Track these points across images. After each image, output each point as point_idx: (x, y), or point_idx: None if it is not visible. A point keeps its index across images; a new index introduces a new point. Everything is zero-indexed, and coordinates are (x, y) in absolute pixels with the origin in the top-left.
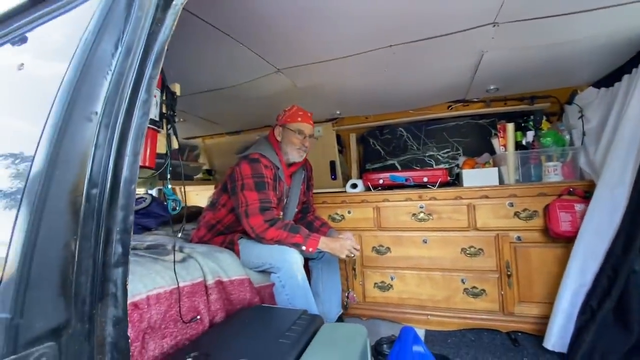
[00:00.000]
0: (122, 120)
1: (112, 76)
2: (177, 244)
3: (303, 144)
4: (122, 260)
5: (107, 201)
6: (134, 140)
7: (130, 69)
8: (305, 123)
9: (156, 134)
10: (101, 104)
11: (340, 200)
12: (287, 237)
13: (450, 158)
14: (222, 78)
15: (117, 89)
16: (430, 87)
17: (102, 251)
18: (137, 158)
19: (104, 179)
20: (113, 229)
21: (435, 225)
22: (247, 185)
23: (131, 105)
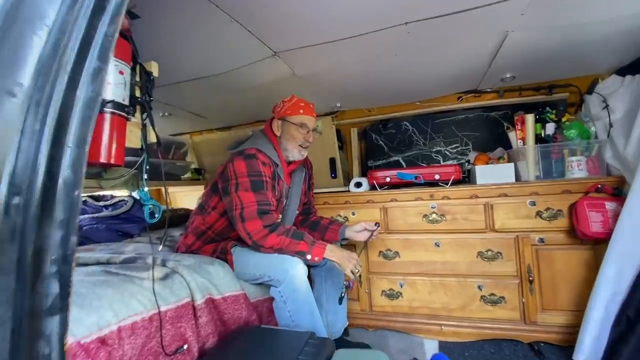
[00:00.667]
0: (62, 96)
1: (49, 33)
2: (160, 257)
3: (306, 140)
4: (60, 304)
5: (36, 215)
6: (79, 125)
7: (76, 23)
8: (308, 115)
9: (124, 122)
10: (30, 72)
11: (344, 200)
12: (289, 244)
13: (459, 153)
14: (211, 63)
15: (55, 52)
16: (442, 75)
17: (27, 292)
18: (83, 150)
19: (32, 182)
20: (45, 256)
21: (448, 227)
22: (242, 185)
23: (76, 75)
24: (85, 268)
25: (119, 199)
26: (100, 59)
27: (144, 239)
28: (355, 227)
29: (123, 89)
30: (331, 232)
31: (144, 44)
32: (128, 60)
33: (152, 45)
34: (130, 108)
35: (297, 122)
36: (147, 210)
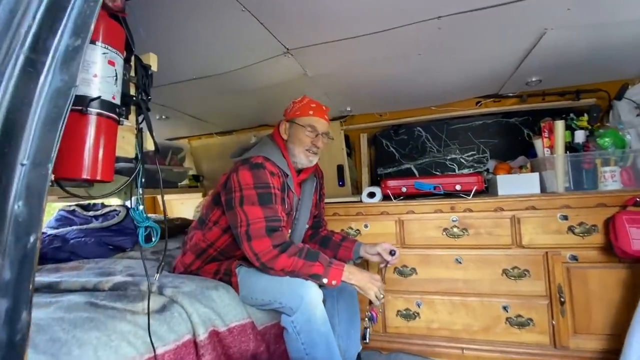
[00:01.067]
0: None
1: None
2: (156, 282)
3: (314, 144)
4: None
5: None
6: (40, 130)
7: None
8: (319, 117)
9: (114, 126)
10: None
11: (355, 211)
12: (303, 266)
13: (476, 162)
14: (216, 60)
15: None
16: (462, 79)
17: None
18: (43, 170)
19: None
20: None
21: (471, 242)
22: (248, 198)
23: (38, 56)
24: (67, 298)
25: (110, 209)
26: (77, 34)
27: (136, 253)
28: (371, 248)
29: (113, 84)
30: (344, 250)
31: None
32: (120, 49)
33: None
34: (123, 109)
35: (305, 124)
36: (142, 233)
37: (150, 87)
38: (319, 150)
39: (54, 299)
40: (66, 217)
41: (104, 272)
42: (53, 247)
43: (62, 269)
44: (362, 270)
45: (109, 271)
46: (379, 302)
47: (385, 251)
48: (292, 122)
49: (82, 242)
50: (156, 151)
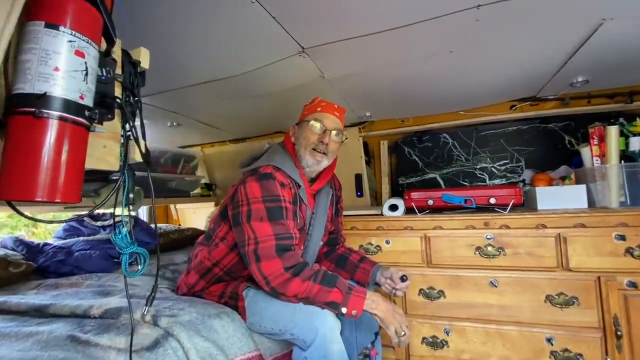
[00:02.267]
0: None
1: None
2: (152, 308)
3: (321, 141)
4: None
5: None
6: None
7: None
8: (326, 113)
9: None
10: None
11: (376, 225)
12: (318, 292)
13: (509, 171)
14: (227, 63)
15: None
16: (499, 80)
17: None
18: None
19: None
20: None
21: (508, 263)
22: (256, 213)
23: None
24: (51, 328)
25: (118, 220)
26: None
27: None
28: (385, 271)
29: (82, 81)
30: (361, 273)
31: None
32: (94, 36)
33: (151, 39)
34: (95, 112)
35: (311, 119)
36: (125, 261)
37: (139, 87)
38: (328, 150)
39: (37, 327)
40: (74, 227)
41: (102, 292)
42: (56, 260)
43: (61, 286)
44: (386, 300)
45: (108, 290)
46: (397, 339)
47: (396, 276)
48: (300, 123)
49: (86, 256)
50: (146, 162)
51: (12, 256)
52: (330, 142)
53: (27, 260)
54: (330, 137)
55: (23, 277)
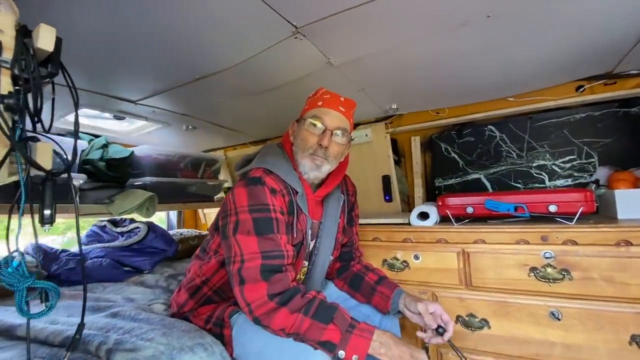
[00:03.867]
0: None
1: None
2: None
3: (320, 144)
4: None
5: None
6: None
7: None
8: (328, 108)
9: None
10: None
11: (402, 237)
12: (310, 329)
13: (577, 170)
14: (216, 54)
15: None
16: (554, 55)
17: None
18: None
19: None
20: None
21: (576, 291)
22: (242, 225)
23: None
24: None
25: (134, 226)
26: None
27: (151, 278)
28: (412, 302)
29: None
30: (379, 298)
31: None
32: None
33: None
34: None
35: (309, 117)
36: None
37: (37, 73)
38: (328, 154)
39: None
40: (96, 233)
41: (92, 308)
42: (67, 268)
43: (62, 297)
44: (400, 342)
45: (99, 306)
46: None
47: (429, 316)
48: (299, 121)
49: (96, 264)
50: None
51: None
52: (331, 144)
53: (43, 268)
54: (332, 139)
55: None
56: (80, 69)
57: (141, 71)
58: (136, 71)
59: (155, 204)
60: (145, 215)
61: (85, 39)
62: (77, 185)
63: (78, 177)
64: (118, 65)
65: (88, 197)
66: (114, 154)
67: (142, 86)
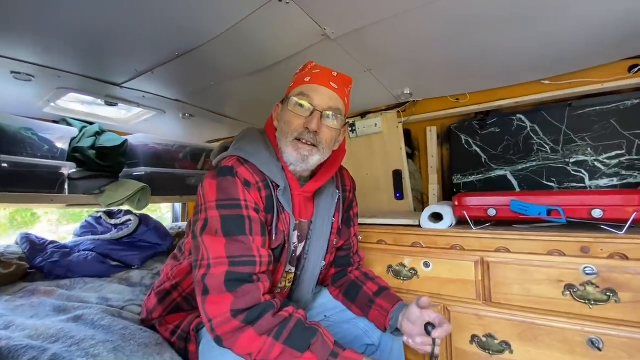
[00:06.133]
0: None
1: None
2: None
3: (307, 128)
4: None
5: None
6: None
7: None
8: (317, 84)
9: None
10: None
11: (411, 240)
12: (280, 356)
13: (626, 167)
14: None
15: None
16: (605, 23)
17: None
18: None
19: None
20: None
21: (623, 316)
22: (210, 224)
23: None
24: None
25: (127, 219)
26: None
27: (137, 274)
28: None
29: None
30: (377, 312)
31: None
32: None
33: None
34: None
35: (294, 95)
36: None
37: None
38: (318, 139)
39: None
40: (90, 225)
41: (60, 308)
42: (51, 261)
43: (37, 293)
44: None
45: (65, 306)
46: None
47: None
48: (284, 101)
49: (80, 259)
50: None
51: (7, 255)
52: (322, 128)
53: (28, 259)
54: (322, 122)
55: (12, 278)
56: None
57: (120, 50)
58: (115, 50)
59: (148, 196)
60: (137, 207)
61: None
62: (66, 174)
63: (66, 166)
64: (98, 44)
65: (77, 187)
66: (106, 142)
67: (123, 67)
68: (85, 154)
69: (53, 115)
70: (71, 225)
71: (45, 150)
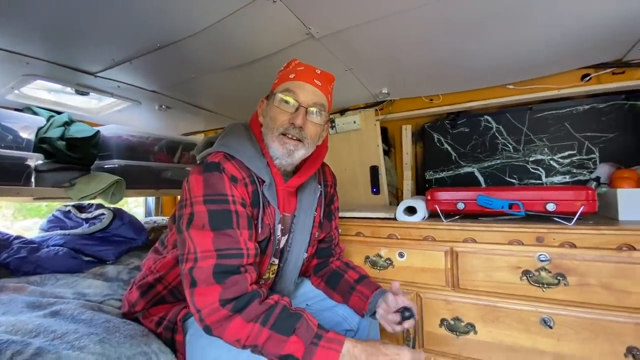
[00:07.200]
0: None
1: None
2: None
3: (292, 123)
4: None
5: None
6: None
7: None
8: (301, 81)
9: None
10: None
11: (387, 233)
12: (268, 341)
13: (576, 166)
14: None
15: None
16: (562, 35)
17: None
18: None
19: None
20: None
21: (571, 297)
22: (196, 218)
23: None
24: None
25: (99, 213)
26: None
27: (114, 269)
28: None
29: None
30: (358, 298)
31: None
32: None
33: None
34: None
35: (279, 91)
36: None
37: None
38: (304, 135)
39: None
40: (59, 219)
41: (32, 304)
42: (18, 257)
43: (5, 290)
44: (375, 352)
45: (40, 302)
46: None
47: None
48: (269, 97)
49: (51, 254)
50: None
51: None
52: (306, 124)
53: None
54: (307, 117)
55: None
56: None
57: (97, 38)
58: (91, 38)
59: (123, 189)
60: (110, 201)
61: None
62: (33, 166)
63: (33, 157)
64: (72, 30)
65: (45, 179)
66: (76, 133)
67: (100, 55)
68: (54, 145)
69: (16, 103)
70: (28, 220)
71: (9, 141)
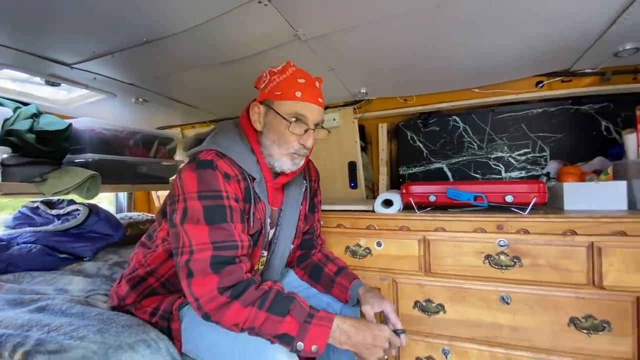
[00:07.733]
0: None
1: None
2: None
3: (303, 144)
4: None
5: None
6: None
7: None
8: (309, 102)
9: None
10: None
11: (366, 224)
12: (265, 323)
13: (531, 162)
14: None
15: None
16: (520, 48)
17: None
18: None
19: None
20: None
21: (525, 277)
22: (191, 212)
23: None
24: None
25: (73, 209)
26: None
27: (93, 265)
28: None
29: None
30: (338, 289)
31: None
32: None
33: None
34: None
35: (290, 113)
36: None
37: None
38: (308, 149)
39: None
40: (27, 216)
41: (15, 301)
42: None
43: None
44: (362, 326)
45: (22, 299)
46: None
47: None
48: (270, 107)
49: (23, 251)
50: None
51: None
52: (311, 142)
53: None
54: (313, 137)
55: None
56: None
57: (79, 28)
58: (73, 28)
59: (98, 185)
60: (85, 196)
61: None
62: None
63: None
64: (50, 18)
65: (13, 174)
66: (47, 126)
67: (79, 47)
68: (22, 138)
69: None
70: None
71: None
